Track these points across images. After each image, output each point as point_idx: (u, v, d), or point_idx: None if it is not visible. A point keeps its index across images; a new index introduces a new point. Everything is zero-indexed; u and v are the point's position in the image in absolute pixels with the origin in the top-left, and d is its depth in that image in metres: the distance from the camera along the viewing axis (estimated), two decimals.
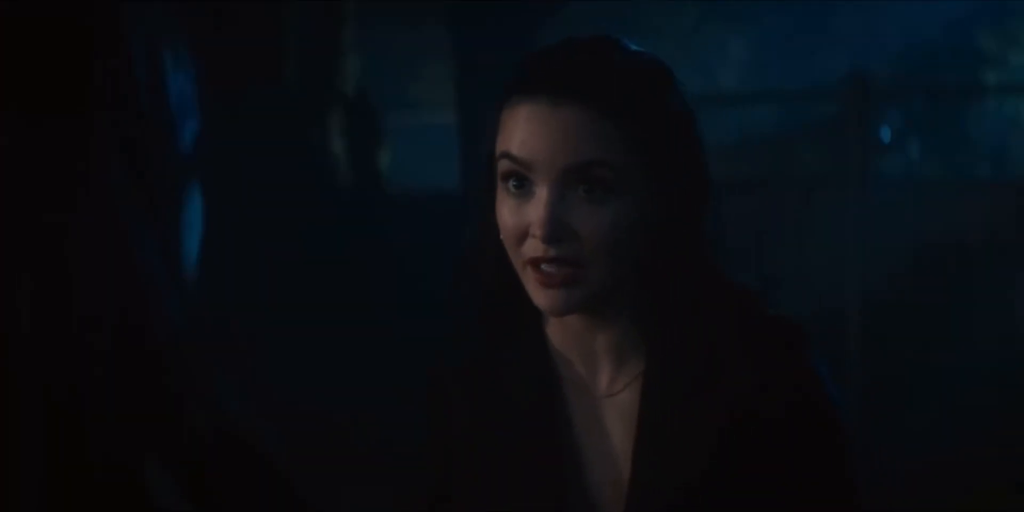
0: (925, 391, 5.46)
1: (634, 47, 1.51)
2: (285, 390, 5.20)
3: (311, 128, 7.29)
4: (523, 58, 1.51)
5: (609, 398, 1.53)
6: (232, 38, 6.45)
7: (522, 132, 1.45)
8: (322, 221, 6.80)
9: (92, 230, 0.79)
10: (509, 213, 1.47)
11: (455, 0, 7.81)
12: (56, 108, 0.80)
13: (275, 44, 7.08)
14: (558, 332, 1.55)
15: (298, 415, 4.97)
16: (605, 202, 1.43)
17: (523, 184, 1.46)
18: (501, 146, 1.47)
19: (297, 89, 7.23)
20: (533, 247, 1.45)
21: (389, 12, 8.17)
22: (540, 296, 1.46)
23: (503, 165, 1.47)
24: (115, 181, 0.79)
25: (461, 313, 1.59)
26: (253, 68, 6.67)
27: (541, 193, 1.44)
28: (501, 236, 1.49)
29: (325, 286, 6.44)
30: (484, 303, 1.57)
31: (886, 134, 7.96)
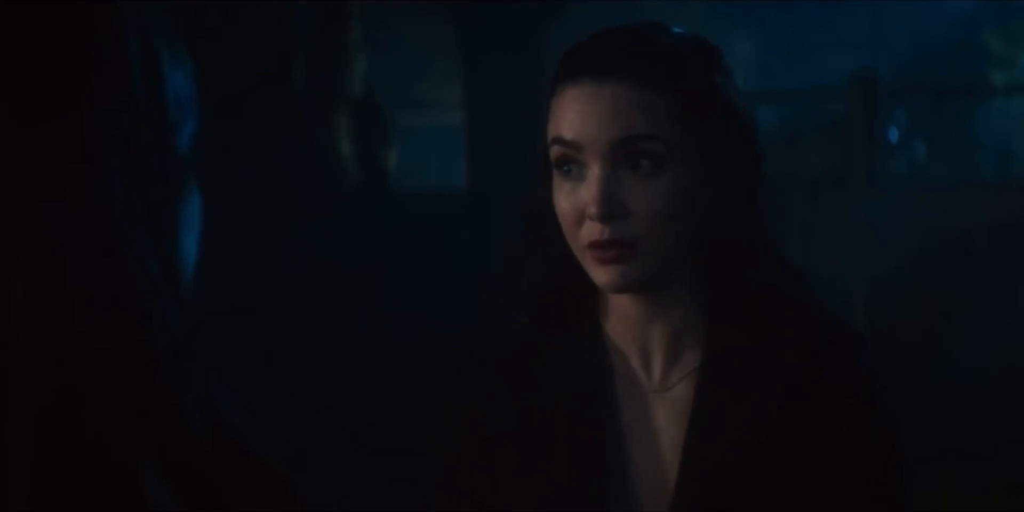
0: (931, 390, 5.46)
1: (678, 29, 1.50)
2: (289, 392, 5.21)
3: (318, 128, 7.30)
4: (567, 49, 1.51)
5: (661, 393, 1.51)
6: (239, 38, 6.46)
7: (569, 114, 1.45)
8: (329, 221, 6.81)
9: (88, 231, 0.79)
10: (565, 197, 1.47)
11: (462, 0, 7.81)
12: (52, 108, 0.80)
13: (282, 44, 7.09)
14: (614, 323, 1.54)
15: (302, 416, 4.98)
16: (656, 176, 1.43)
17: (576, 167, 1.46)
18: (551, 133, 1.48)
19: (304, 89, 7.23)
20: (590, 230, 1.45)
21: (396, 12, 8.17)
22: (598, 273, 1.46)
23: (555, 151, 1.47)
24: (112, 181, 0.79)
25: (508, 305, 1.59)
26: (260, 68, 6.67)
27: (593, 172, 1.44)
28: (561, 223, 1.48)
29: (332, 286, 6.45)
30: (538, 293, 1.57)
31: (892, 134, 7.96)
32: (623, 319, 1.54)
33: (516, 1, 7.60)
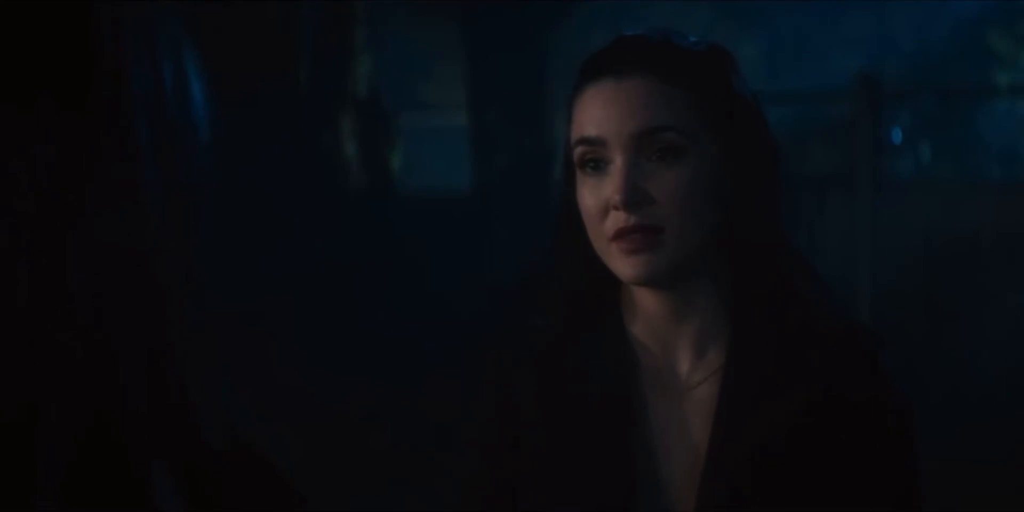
0: (933, 390, 5.46)
1: (692, 37, 1.55)
2: (290, 391, 5.21)
3: (322, 129, 7.31)
4: (586, 57, 1.55)
5: (687, 390, 1.53)
6: (244, 40, 6.47)
7: (591, 111, 1.50)
8: (331, 221, 6.82)
9: (95, 229, 0.79)
10: (589, 193, 1.50)
11: (467, 2, 7.82)
12: (52, 108, 0.80)
13: (288, 46, 7.10)
14: (639, 323, 1.56)
15: (303, 416, 4.98)
16: (677, 165, 1.47)
17: (600, 165, 1.49)
18: (575, 135, 1.52)
19: (309, 91, 7.25)
20: (615, 219, 1.47)
21: (401, 14, 8.18)
22: (624, 265, 1.48)
23: (579, 152, 1.50)
24: (117, 182, 0.79)
25: (533, 306, 1.60)
26: (264, 68, 6.68)
27: (616, 164, 1.48)
28: (585, 221, 1.51)
29: (332, 286, 6.46)
30: (564, 295, 1.58)
31: (897, 135, 7.96)
32: (648, 319, 1.55)
33: (521, 2, 7.61)
